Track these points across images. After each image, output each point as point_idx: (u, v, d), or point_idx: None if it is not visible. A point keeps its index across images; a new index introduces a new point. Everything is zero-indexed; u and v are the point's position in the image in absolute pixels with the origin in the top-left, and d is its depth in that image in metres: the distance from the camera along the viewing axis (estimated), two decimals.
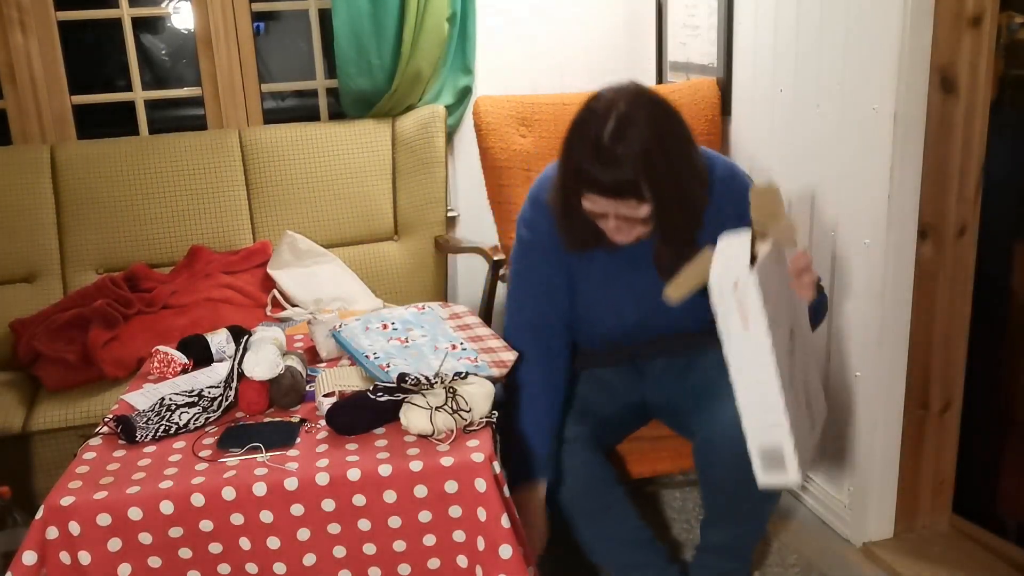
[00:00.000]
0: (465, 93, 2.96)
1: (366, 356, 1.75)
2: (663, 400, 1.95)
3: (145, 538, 1.45)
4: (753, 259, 1.41)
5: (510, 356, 1.79)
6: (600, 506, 1.85)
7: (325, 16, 2.88)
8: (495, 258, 2.53)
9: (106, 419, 1.68)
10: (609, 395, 1.94)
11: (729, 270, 1.38)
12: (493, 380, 1.71)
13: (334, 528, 1.49)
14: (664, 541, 2.24)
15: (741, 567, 1.89)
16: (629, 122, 1.57)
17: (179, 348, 1.95)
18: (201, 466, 1.51)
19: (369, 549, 1.51)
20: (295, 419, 1.67)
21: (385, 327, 1.85)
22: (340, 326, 1.87)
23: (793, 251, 1.56)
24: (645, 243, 1.73)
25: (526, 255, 1.89)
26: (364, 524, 1.50)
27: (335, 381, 1.73)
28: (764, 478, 1.48)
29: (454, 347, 1.80)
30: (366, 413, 1.61)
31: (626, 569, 1.87)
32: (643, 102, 1.61)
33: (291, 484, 1.47)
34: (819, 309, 1.81)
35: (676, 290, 1.51)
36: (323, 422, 1.63)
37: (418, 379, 1.61)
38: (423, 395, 1.59)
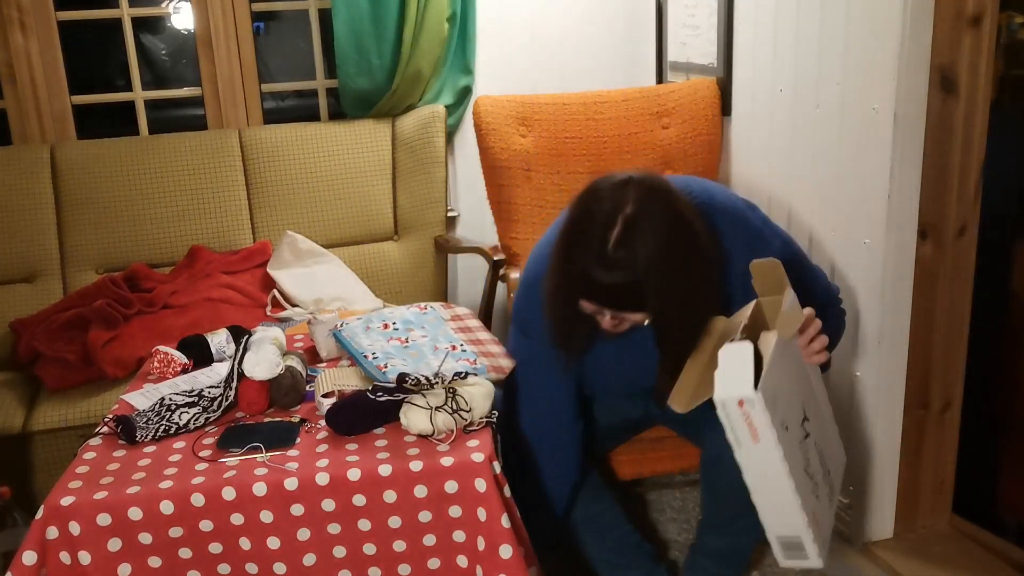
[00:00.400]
0: (465, 93, 2.96)
1: (364, 356, 1.75)
2: (672, 411, 1.92)
3: (145, 538, 1.45)
4: (759, 359, 1.38)
5: (508, 363, 1.78)
6: (591, 512, 1.87)
7: (325, 16, 2.88)
8: (495, 258, 2.53)
9: (106, 419, 1.68)
10: (609, 409, 1.93)
11: (734, 387, 1.34)
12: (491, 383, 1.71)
13: (334, 528, 1.49)
14: (662, 541, 2.25)
15: (736, 574, 1.89)
16: (637, 228, 1.40)
17: (179, 348, 1.95)
18: (201, 466, 1.51)
19: (369, 549, 1.51)
20: (295, 419, 1.67)
21: (386, 327, 1.85)
22: (341, 325, 1.87)
23: (800, 318, 1.49)
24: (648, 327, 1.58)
25: (526, 365, 1.77)
26: (364, 524, 1.50)
27: (334, 381, 1.73)
28: (785, 562, 1.48)
29: (454, 347, 1.80)
30: (366, 413, 1.61)
31: (615, 571, 1.88)
32: (650, 204, 1.43)
33: (291, 484, 1.47)
34: (835, 336, 1.74)
35: (682, 404, 1.47)
36: (323, 422, 1.63)
37: (418, 379, 1.61)
38: (423, 395, 1.59)
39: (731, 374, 1.36)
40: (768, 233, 1.68)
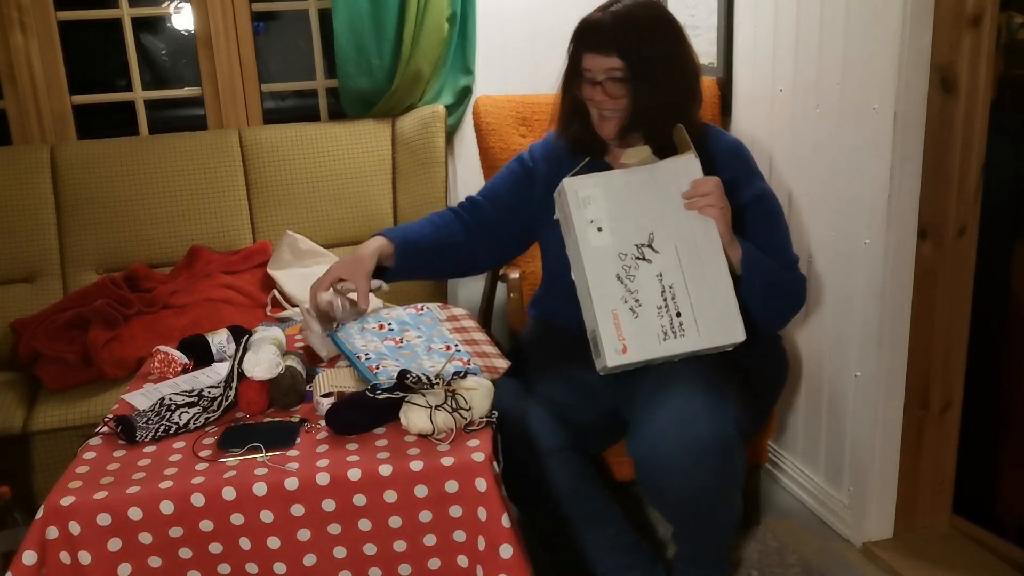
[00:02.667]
0: (465, 93, 2.96)
1: (358, 357, 1.75)
2: (625, 392, 1.89)
3: (145, 538, 1.45)
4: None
5: (503, 364, 1.78)
6: (586, 512, 1.86)
7: (325, 16, 2.88)
8: None
9: (106, 419, 1.68)
10: (585, 398, 1.91)
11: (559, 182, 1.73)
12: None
13: (334, 528, 1.49)
14: (661, 541, 2.25)
15: (719, 571, 1.89)
16: (635, 5, 1.80)
17: (180, 348, 1.94)
18: (201, 466, 1.51)
19: (369, 549, 1.51)
20: (295, 419, 1.67)
21: (381, 327, 1.85)
22: (336, 326, 1.87)
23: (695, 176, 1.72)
24: None
25: (511, 170, 2.09)
26: (364, 524, 1.50)
27: (331, 382, 1.73)
28: (597, 364, 1.68)
29: (448, 348, 1.80)
30: (365, 413, 1.61)
31: (612, 571, 1.88)
32: (655, 7, 1.83)
33: (291, 484, 1.47)
34: (771, 280, 1.80)
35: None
36: (323, 422, 1.63)
37: (419, 376, 1.61)
38: (422, 394, 1.59)
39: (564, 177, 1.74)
40: (758, 179, 1.92)
